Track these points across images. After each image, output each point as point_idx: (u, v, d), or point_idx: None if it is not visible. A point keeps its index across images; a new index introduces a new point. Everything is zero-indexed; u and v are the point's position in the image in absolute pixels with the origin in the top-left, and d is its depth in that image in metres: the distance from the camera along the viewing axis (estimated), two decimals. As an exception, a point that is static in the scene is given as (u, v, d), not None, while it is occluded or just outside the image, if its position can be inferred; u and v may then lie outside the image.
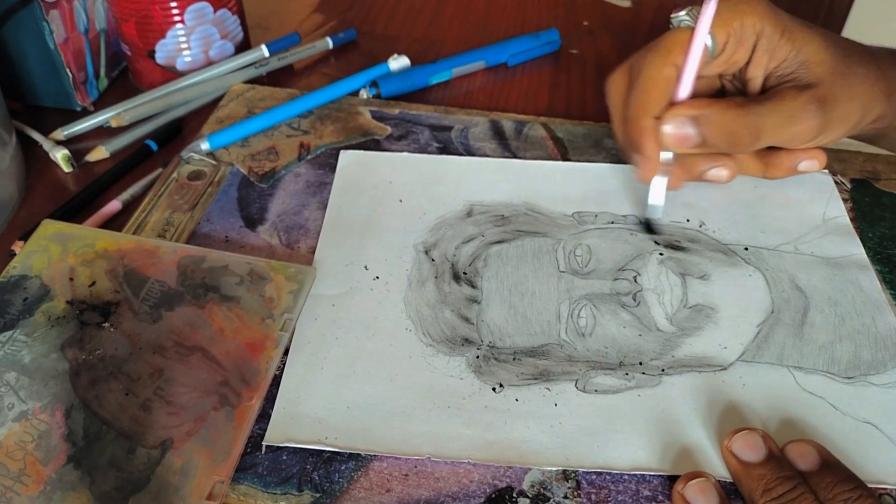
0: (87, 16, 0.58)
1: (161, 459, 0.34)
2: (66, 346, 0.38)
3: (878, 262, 0.45)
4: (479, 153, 0.53)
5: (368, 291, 0.43)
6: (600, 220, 0.47)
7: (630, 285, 0.43)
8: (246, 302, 0.41)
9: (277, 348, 0.39)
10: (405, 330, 0.41)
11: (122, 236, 0.44)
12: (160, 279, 0.41)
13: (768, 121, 0.42)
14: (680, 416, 0.37)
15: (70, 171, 0.53)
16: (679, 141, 0.42)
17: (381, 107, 0.57)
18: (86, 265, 0.41)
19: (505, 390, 0.38)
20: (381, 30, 0.72)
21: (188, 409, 0.36)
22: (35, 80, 0.57)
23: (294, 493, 0.34)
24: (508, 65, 0.65)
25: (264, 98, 0.58)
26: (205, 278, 0.41)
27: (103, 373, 0.37)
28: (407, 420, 0.36)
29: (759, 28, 0.43)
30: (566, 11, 0.76)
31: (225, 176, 0.51)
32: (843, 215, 0.48)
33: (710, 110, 0.42)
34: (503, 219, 0.47)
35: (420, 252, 0.45)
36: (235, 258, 0.43)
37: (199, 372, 0.37)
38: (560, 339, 0.40)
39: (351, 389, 0.38)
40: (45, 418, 0.35)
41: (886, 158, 0.53)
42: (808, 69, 0.43)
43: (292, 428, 0.36)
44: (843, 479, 0.32)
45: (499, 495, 0.34)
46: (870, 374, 0.39)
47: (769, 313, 0.42)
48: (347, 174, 0.50)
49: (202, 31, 0.59)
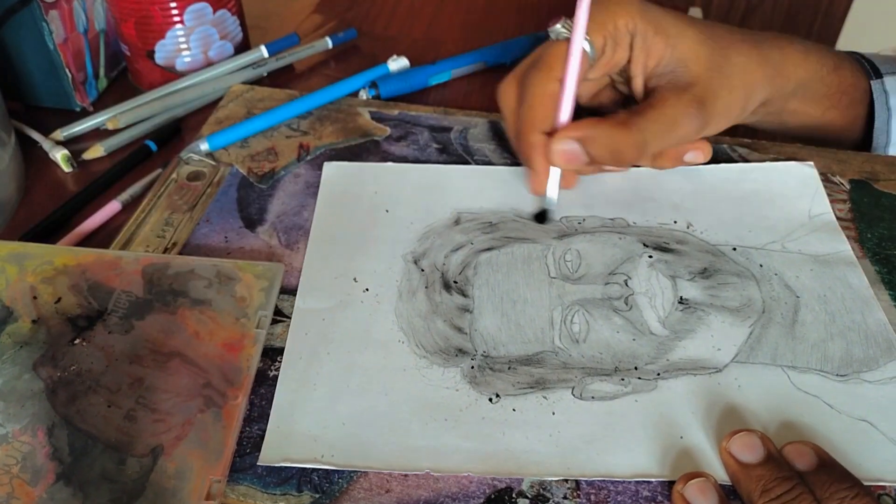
0: (87, 16, 0.58)
1: (154, 466, 0.33)
2: (39, 366, 0.37)
3: (877, 262, 0.45)
4: (478, 154, 0.53)
5: (359, 304, 0.42)
6: (587, 225, 0.47)
7: (621, 289, 0.43)
8: (217, 303, 0.40)
9: (256, 346, 0.39)
10: (398, 342, 0.40)
11: (80, 250, 0.43)
12: (126, 289, 0.41)
13: (651, 132, 0.43)
14: (678, 419, 0.37)
15: (70, 170, 0.53)
16: (567, 160, 0.44)
17: (381, 108, 0.58)
18: (47, 283, 0.41)
19: (501, 400, 0.37)
20: (381, 30, 0.72)
21: (174, 415, 0.35)
22: (34, 80, 0.57)
23: (294, 494, 0.34)
24: (508, 65, 0.65)
25: (263, 99, 0.58)
26: (172, 284, 0.41)
27: (81, 388, 0.36)
28: (404, 435, 0.36)
29: (632, 27, 0.44)
30: (565, 12, 0.76)
31: (224, 176, 0.51)
32: (828, 212, 0.48)
33: (595, 131, 0.43)
34: (491, 226, 0.47)
35: (409, 262, 0.44)
36: (200, 262, 0.42)
37: (180, 377, 0.37)
38: (554, 346, 0.40)
39: (345, 405, 0.37)
40: (27, 439, 0.34)
41: (885, 159, 0.53)
42: (686, 67, 0.44)
43: (287, 446, 0.35)
44: (841, 478, 0.32)
45: (498, 496, 0.34)
46: (862, 372, 0.39)
47: (760, 313, 0.42)
48: (332, 185, 0.50)
49: (202, 31, 0.59)
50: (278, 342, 0.40)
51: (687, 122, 0.43)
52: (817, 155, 0.53)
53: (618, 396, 0.38)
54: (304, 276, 0.43)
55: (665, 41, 0.44)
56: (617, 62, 0.46)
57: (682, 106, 0.43)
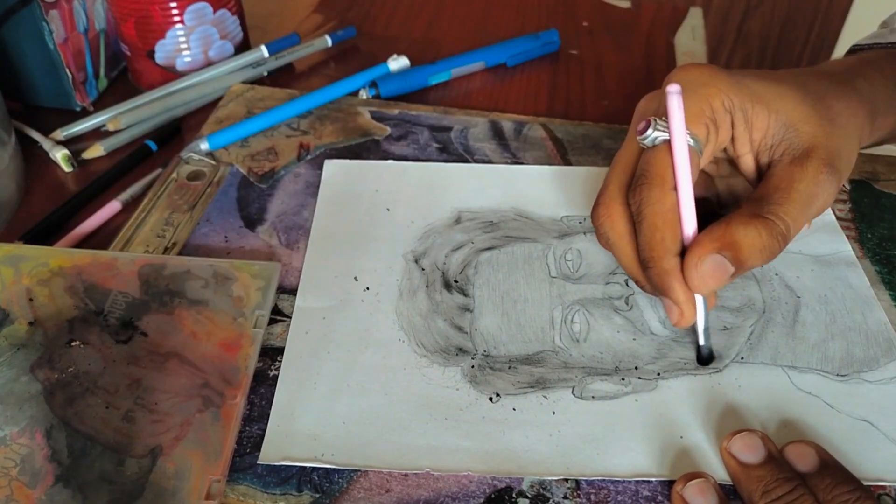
0: (87, 16, 0.58)
1: (153, 467, 0.33)
2: (36, 368, 0.37)
3: (877, 262, 0.45)
4: (478, 153, 0.53)
5: (359, 303, 0.42)
6: (588, 224, 0.47)
7: (622, 289, 0.43)
8: (214, 303, 0.40)
9: (254, 345, 0.39)
10: (398, 341, 0.40)
11: (75, 252, 0.43)
12: (122, 290, 0.41)
13: (791, 216, 0.37)
14: (678, 419, 0.37)
15: (70, 170, 0.53)
16: (716, 279, 0.37)
17: (381, 107, 0.57)
18: (43, 285, 0.41)
19: (502, 400, 0.37)
20: (381, 30, 0.72)
21: (172, 415, 0.35)
22: (34, 80, 0.57)
23: (294, 494, 0.34)
24: (508, 65, 0.65)
25: (264, 98, 0.58)
26: (168, 285, 0.41)
27: (79, 389, 0.36)
28: (404, 434, 0.36)
29: (729, 104, 0.39)
30: (565, 12, 0.76)
31: (224, 176, 0.51)
32: (828, 212, 0.48)
33: (735, 236, 0.36)
34: (492, 225, 0.47)
35: (410, 261, 0.44)
36: (197, 262, 0.42)
37: (178, 377, 0.37)
38: (555, 346, 0.40)
39: (345, 404, 0.37)
40: (25, 441, 0.34)
41: (885, 160, 0.53)
42: (797, 131, 0.39)
43: (287, 445, 0.35)
44: (843, 480, 0.32)
45: (498, 496, 0.34)
46: (863, 371, 0.39)
47: (761, 313, 0.42)
48: (332, 184, 0.50)
49: (202, 31, 0.59)
50: (278, 342, 0.40)
51: (824, 192, 0.38)
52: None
53: (618, 396, 0.38)
54: (305, 275, 0.43)
55: (766, 109, 0.39)
56: (720, 145, 0.41)
57: (812, 177, 0.38)
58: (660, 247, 0.37)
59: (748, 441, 0.34)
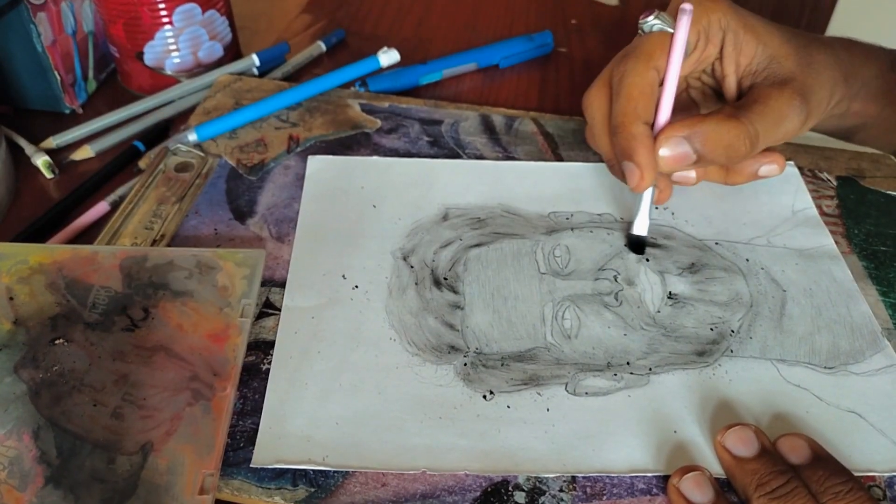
0: (75, 18, 0.57)
1: (144, 464, 0.33)
2: (20, 368, 0.36)
3: (864, 258, 0.46)
4: (469, 147, 0.53)
5: (349, 301, 0.42)
6: (576, 220, 0.47)
7: (611, 285, 0.43)
8: (199, 294, 0.40)
9: (241, 335, 0.38)
10: (389, 340, 0.40)
11: (55, 248, 0.42)
12: (105, 285, 0.40)
13: (761, 126, 0.42)
14: (671, 414, 0.37)
15: (51, 177, 0.52)
16: (677, 161, 0.41)
17: (371, 100, 0.57)
18: (23, 283, 0.40)
19: (496, 397, 0.37)
20: (370, 30, 0.72)
21: (162, 410, 0.35)
22: (23, 83, 0.57)
23: (289, 488, 0.34)
24: (500, 66, 0.65)
25: (251, 89, 0.58)
26: (151, 277, 0.40)
27: (65, 388, 0.36)
28: (398, 433, 0.36)
29: (725, 23, 0.44)
30: (554, 10, 0.76)
31: (213, 168, 0.50)
32: (810, 207, 0.49)
33: (705, 127, 0.41)
34: (480, 221, 0.47)
35: (398, 259, 0.44)
36: (180, 252, 0.42)
37: (166, 371, 0.36)
38: (546, 342, 0.40)
39: (338, 404, 0.37)
40: (13, 444, 0.34)
41: (871, 156, 0.54)
42: (779, 63, 0.44)
43: (279, 448, 0.35)
44: (835, 472, 0.33)
45: (494, 489, 0.34)
46: (849, 364, 0.39)
47: (748, 307, 0.42)
48: (317, 180, 0.49)
49: (191, 32, 0.59)
50: (270, 335, 0.40)
51: (794, 115, 0.42)
52: (804, 152, 0.54)
53: (611, 392, 0.38)
54: (292, 274, 0.43)
55: (756, 38, 0.44)
56: (706, 58, 0.46)
57: (786, 99, 0.42)
58: (632, 114, 0.41)
59: (742, 435, 0.35)
